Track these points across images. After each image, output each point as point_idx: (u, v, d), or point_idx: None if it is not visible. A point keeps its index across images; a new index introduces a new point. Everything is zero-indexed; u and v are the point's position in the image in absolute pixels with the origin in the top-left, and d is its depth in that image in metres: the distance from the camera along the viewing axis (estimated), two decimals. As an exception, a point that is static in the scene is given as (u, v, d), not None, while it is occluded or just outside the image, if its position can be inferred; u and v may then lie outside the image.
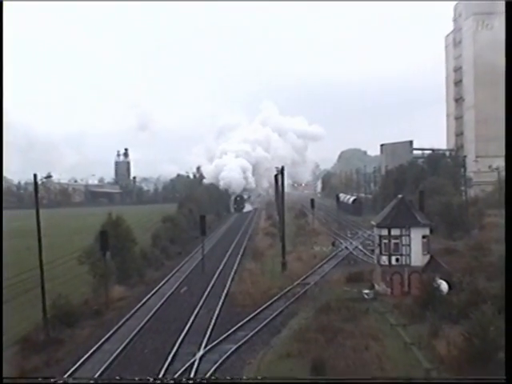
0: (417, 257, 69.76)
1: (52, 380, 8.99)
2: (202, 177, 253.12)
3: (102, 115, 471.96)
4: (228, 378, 27.21)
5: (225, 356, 49.08)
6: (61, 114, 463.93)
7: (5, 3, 19.83)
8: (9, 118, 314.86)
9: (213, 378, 27.77)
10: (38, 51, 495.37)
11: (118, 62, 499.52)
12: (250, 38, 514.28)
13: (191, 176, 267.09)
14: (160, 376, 44.75)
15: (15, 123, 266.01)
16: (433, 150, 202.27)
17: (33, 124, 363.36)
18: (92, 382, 12.67)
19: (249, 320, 61.27)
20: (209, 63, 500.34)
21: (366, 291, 68.97)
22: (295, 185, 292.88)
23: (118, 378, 27.17)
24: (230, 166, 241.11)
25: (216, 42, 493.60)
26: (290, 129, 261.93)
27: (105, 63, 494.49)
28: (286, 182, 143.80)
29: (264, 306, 66.78)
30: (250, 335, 55.51)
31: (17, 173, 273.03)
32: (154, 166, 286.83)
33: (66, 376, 45.04)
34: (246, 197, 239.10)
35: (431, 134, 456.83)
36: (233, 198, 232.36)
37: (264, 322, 60.22)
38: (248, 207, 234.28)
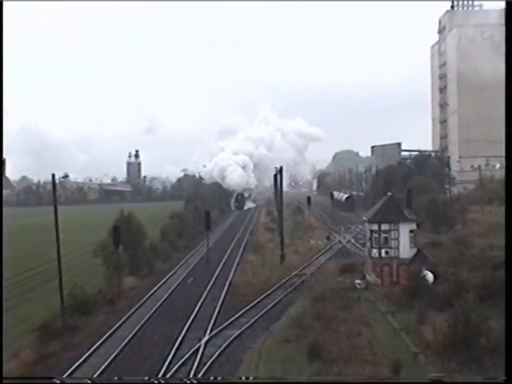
0: (405, 249, 69.80)
1: (52, 380, 8.76)
2: (201, 177, 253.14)
3: (110, 119, 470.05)
4: (228, 378, 27.00)
5: (228, 341, 49.11)
6: (71, 117, 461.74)
7: (6, 3, 19.60)
8: (22, 122, 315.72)
9: (213, 378, 27.53)
10: (51, 58, 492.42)
11: (123, 67, 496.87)
12: (249, 46, 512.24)
13: (197, 175, 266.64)
14: (162, 372, 44.71)
15: (29, 127, 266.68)
16: (419, 151, 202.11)
17: (45, 127, 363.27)
18: (92, 381, 12.50)
19: (250, 308, 61.27)
20: (210, 68, 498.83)
21: (358, 281, 68.98)
22: (293, 183, 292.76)
23: (117, 378, 26.86)
24: (228, 162, 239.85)
25: (217, 48, 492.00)
26: (291, 130, 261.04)
27: (111, 69, 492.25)
28: (285, 180, 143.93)
29: (264, 295, 66.76)
30: (251, 322, 55.52)
31: (33, 173, 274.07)
32: (161, 166, 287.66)
33: (76, 364, 45.13)
34: (246, 195, 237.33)
35: (418, 136, 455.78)
36: (234, 196, 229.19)
37: (264, 310, 60.22)
38: (250, 204, 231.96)
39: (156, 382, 7.20)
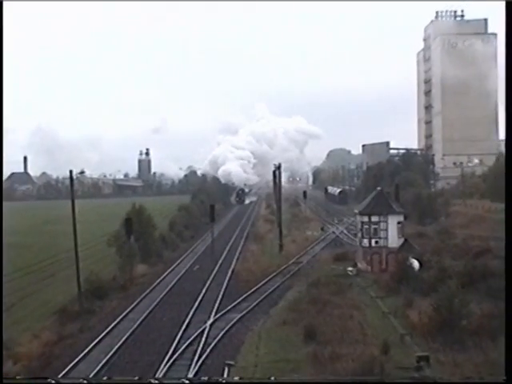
0: (393, 239, 69.83)
1: (51, 380, 8.59)
2: (202, 175, 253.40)
3: (122, 121, 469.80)
4: (227, 378, 26.92)
5: (231, 323, 49.08)
6: (85, 119, 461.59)
7: (6, 3, 19.13)
8: (36, 122, 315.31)
9: (212, 378, 27.45)
10: (66, 63, 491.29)
11: (133, 72, 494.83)
12: (249, 50, 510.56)
13: (198, 173, 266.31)
14: (171, 351, 44.66)
15: (44, 128, 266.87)
16: (406, 149, 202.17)
17: (60, 129, 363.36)
18: (92, 381, 12.29)
19: (251, 293, 61.25)
20: (212, 72, 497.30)
21: (350, 269, 68.99)
22: (290, 179, 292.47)
23: (116, 378, 26.73)
24: (224, 155, 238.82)
25: (219, 53, 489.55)
26: (291, 128, 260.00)
27: (121, 74, 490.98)
28: (284, 176, 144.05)
29: (264, 282, 66.75)
30: (252, 306, 55.48)
31: (49, 169, 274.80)
32: (163, 163, 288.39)
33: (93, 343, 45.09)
34: (247, 190, 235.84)
35: (405, 135, 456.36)
36: (235, 191, 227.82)
37: (264, 295, 60.18)
38: (250, 199, 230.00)
39: (154, 382, 7.08)
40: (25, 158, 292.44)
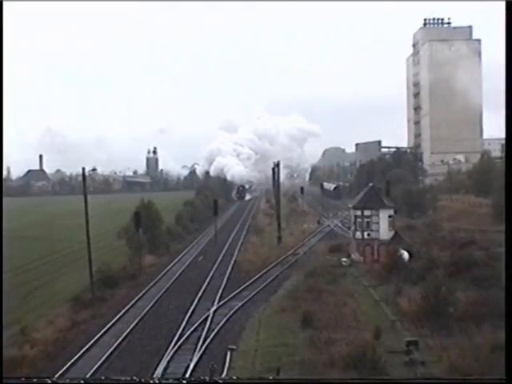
0: (384, 232, 69.82)
1: (51, 380, 8.39)
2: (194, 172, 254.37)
3: (127, 122, 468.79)
4: (228, 378, 27.01)
5: (233, 311, 49.08)
6: (92, 120, 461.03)
7: (5, 3, 18.56)
8: (48, 123, 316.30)
9: (212, 378, 27.46)
10: (75, 67, 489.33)
11: (141, 75, 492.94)
12: (249, 53, 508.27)
13: (197, 171, 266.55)
14: (177, 336, 44.66)
15: (53, 129, 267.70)
16: (397, 147, 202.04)
17: (69, 129, 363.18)
18: (86, 381, 12.17)
19: (252, 282, 61.25)
20: (215, 74, 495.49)
21: (344, 259, 68.94)
22: (288, 175, 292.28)
23: (116, 378, 26.59)
24: (221, 149, 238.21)
25: (218, 54, 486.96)
26: (292, 126, 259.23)
27: (131, 78, 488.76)
28: (282, 172, 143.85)
29: (264, 271, 66.74)
30: (252, 294, 55.48)
31: (61, 167, 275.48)
32: (170, 163, 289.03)
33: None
34: (247, 186, 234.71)
35: (395, 135, 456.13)
36: (235, 187, 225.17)
37: (264, 284, 60.19)
38: (251, 195, 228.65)
39: (151, 382, 6.90)
40: (40, 157, 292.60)
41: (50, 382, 7.26)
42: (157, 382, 7.44)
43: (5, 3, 16.92)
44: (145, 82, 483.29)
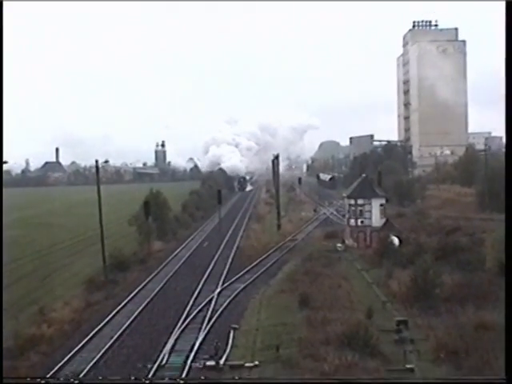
0: (376, 220, 69.83)
1: (51, 380, 8.25)
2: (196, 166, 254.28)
3: (135, 117, 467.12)
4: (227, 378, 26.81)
5: (236, 292, 49.13)
6: (103, 118, 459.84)
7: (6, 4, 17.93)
8: (60, 121, 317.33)
9: (211, 378, 27.37)
10: (87, 70, 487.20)
11: (151, 78, 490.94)
12: (245, 54, 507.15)
13: (198, 163, 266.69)
14: (184, 316, 44.63)
15: (65, 126, 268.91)
16: (388, 141, 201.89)
17: (79, 127, 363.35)
18: (93, 382, 12.07)
19: (253, 266, 61.28)
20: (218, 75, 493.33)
21: (339, 245, 68.96)
22: (287, 167, 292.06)
23: (115, 378, 26.53)
24: (216, 139, 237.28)
25: (220, 52, 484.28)
26: (293, 119, 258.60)
27: (141, 81, 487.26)
28: (282, 164, 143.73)
29: (264, 256, 66.75)
30: (253, 277, 55.54)
31: (77, 159, 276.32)
32: (175, 157, 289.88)
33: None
34: (248, 178, 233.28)
35: (387, 129, 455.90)
36: (237, 179, 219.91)
37: (264, 268, 60.21)
38: (252, 186, 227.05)
39: (147, 382, 6.80)
40: (57, 150, 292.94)
41: (50, 381, 7.18)
42: (153, 381, 7.38)
43: (5, 3, 16.71)
44: (152, 82, 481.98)
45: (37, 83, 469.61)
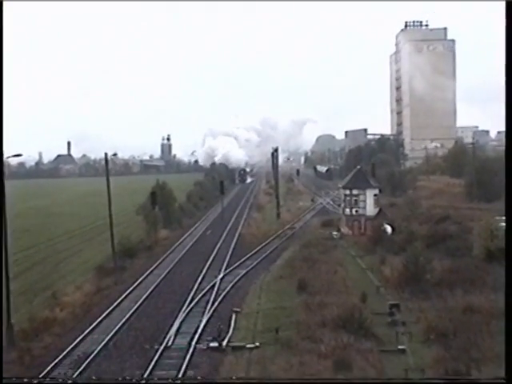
0: (370, 209, 69.86)
1: (52, 380, 8.11)
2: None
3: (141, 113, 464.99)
4: (228, 378, 26.69)
5: (237, 278, 49.15)
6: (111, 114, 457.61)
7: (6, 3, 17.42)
8: (71, 117, 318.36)
9: (211, 378, 27.31)
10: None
11: (144, 71, 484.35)
12: (244, 52, 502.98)
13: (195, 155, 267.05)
14: (189, 299, 44.61)
15: (76, 121, 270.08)
16: (381, 135, 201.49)
17: (89, 121, 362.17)
18: (87, 382, 11.90)
19: (254, 253, 61.28)
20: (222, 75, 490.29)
21: (335, 233, 69.04)
22: (286, 159, 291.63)
23: (117, 378, 26.44)
24: (214, 132, 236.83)
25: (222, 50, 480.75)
26: (293, 114, 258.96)
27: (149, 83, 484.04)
28: (281, 156, 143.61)
29: (264, 243, 66.73)
30: (254, 263, 55.54)
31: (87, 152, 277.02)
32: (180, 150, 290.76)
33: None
34: (248, 170, 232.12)
35: (380, 123, 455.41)
36: (237, 171, 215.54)
37: (264, 254, 60.22)
38: (252, 178, 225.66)
39: (143, 382, 6.57)
40: (68, 143, 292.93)
41: (45, 382, 7.08)
42: (149, 381, 7.24)
43: (5, 3, 16.52)
44: (159, 78, 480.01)
45: (50, 81, 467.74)
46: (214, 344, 31.69)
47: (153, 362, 29.42)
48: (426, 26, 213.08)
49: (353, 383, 10.66)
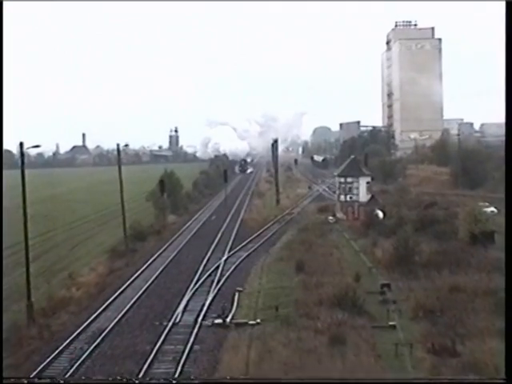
0: (363, 195, 69.69)
1: (52, 380, 7.97)
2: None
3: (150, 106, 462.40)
4: (228, 378, 26.71)
5: (240, 259, 49.14)
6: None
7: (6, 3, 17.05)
8: (86, 110, 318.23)
9: (212, 378, 27.24)
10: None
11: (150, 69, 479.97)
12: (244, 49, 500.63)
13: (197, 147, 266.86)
14: (194, 281, 44.57)
15: (90, 114, 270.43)
16: (373, 127, 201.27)
17: (103, 114, 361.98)
18: (79, 382, 11.82)
19: (255, 236, 61.23)
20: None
21: (330, 218, 68.93)
22: (285, 149, 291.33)
23: (113, 378, 26.34)
24: (212, 121, 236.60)
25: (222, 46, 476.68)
26: (291, 106, 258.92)
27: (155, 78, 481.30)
28: (280, 146, 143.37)
29: (265, 228, 66.69)
30: (255, 246, 55.50)
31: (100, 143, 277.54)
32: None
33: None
34: (249, 160, 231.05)
35: (372, 116, 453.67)
36: (238, 161, 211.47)
37: (265, 238, 60.17)
38: (252, 169, 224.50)
39: (137, 381, 6.36)
40: (83, 135, 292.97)
41: (34, 381, 6.89)
42: (144, 381, 7.06)
43: (5, 3, 16.29)
44: (167, 72, 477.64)
45: (67, 76, 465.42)
46: (219, 321, 31.74)
47: (162, 337, 29.53)
48: (415, 25, 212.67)
49: (353, 383, 10.42)
